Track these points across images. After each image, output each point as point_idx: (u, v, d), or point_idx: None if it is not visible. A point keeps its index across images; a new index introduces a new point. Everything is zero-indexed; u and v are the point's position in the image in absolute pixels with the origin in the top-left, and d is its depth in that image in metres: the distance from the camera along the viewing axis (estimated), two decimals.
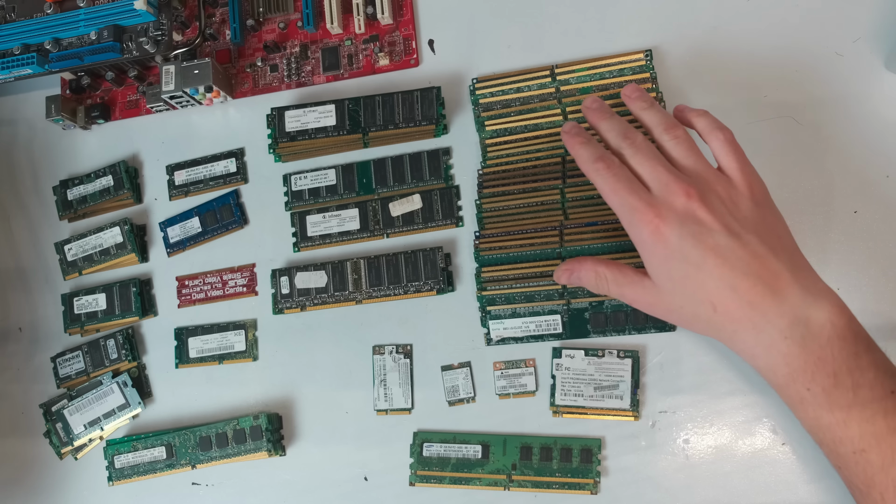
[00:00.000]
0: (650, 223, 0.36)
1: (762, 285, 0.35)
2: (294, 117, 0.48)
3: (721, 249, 0.35)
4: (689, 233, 0.35)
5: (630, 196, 0.37)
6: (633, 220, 0.37)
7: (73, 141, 0.54)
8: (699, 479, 0.42)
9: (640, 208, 0.36)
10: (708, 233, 0.35)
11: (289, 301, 0.48)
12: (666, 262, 0.36)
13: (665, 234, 0.36)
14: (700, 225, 0.36)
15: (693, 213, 0.36)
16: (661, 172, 0.37)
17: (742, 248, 0.35)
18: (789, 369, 0.35)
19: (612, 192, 0.38)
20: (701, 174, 0.37)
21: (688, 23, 0.46)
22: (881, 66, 0.44)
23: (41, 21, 0.50)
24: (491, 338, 0.45)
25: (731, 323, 0.36)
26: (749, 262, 0.35)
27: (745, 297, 0.35)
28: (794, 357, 0.34)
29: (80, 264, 0.51)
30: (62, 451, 0.50)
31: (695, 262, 0.35)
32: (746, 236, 0.36)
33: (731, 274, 0.35)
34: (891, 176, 0.43)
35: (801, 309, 0.34)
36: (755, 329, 0.35)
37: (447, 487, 0.44)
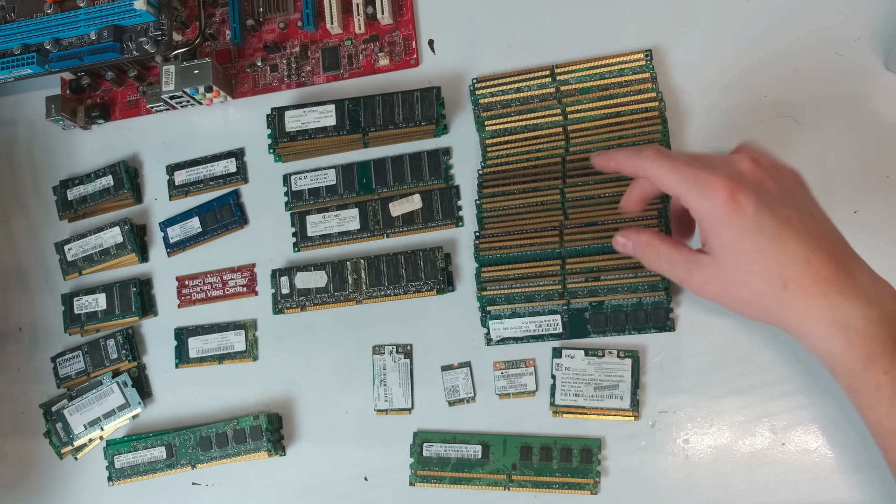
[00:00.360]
0: (725, 189, 0.33)
1: (836, 262, 0.33)
2: (294, 117, 0.48)
3: (794, 221, 0.33)
4: (765, 202, 0.33)
5: (693, 169, 0.34)
6: (703, 190, 0.34)
7: (73, 141, 0.54)
8: (699, 479, 0.42)
9: (707, 177, 0.33)
10: (781, 204, 0.33)
11: (289, 301, 0.48)
12: (740, 234, 0.33)
13: (741, 201, 0.33)
14: (772, 195, 0.34)
15: (764, 182, 0.34)
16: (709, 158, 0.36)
17: (813, 223, 0.34)
18: (866, 351, 0.32)
19: (672, 170, 0.35)
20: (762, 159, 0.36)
21: (688, 23, 0.46)
22: (881, 66, 0.44)
23: (41, 21, 0.50)
24: (491, 338, 0.45)
25: (805, 300, 0.33)
26: (821, 238, 0.33)
27: (821, 272, 0.33)
28: (872, 338, 0.32)
29: (80, 264, 0.51)
30: (62, 451, 0.50)
31: (769, 233, 0.33)
32: (815, 212, 0.35)
33: (806, 248, 0.33)
34: (891, 176, 0.43)
35: (873, 291, 0.33)
36: (831, 307, 0.33)
37: (447, 487, 0.44)
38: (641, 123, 0.45)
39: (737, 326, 0.43)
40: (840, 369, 0.34)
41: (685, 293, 0.44)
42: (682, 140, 0.45)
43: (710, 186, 0.33)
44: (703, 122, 0.45)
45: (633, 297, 0.43)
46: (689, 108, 0.45)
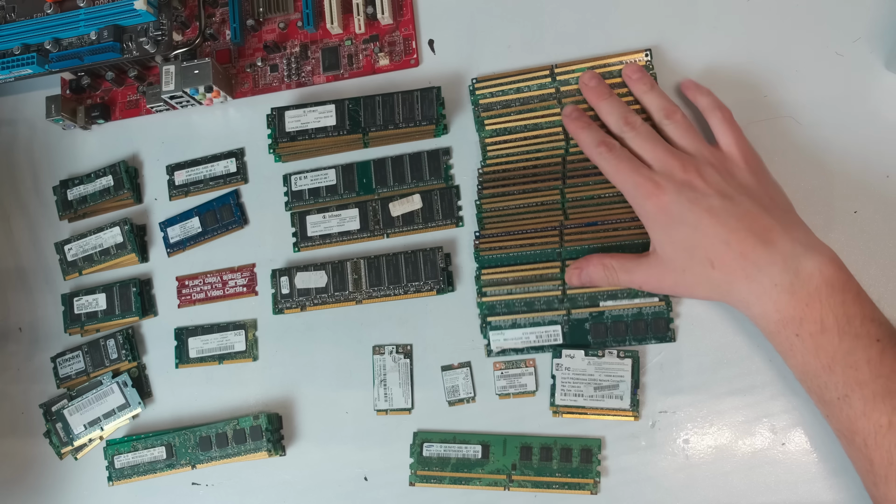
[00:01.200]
0: (652, 194, 0.39)
1: (753, 237, 0.37)
2: (294, 117, 0.48)
3: (715, 210, 0.38)
4: (686, 198, 0.39)
5: (633, 174, 0.40)
6: (637, 195, 0.40)
7: (73, 141, 0.54)
8: (699, 479, 0.42)
9: (641, 183, 0.40)
10: (703, 197, 0.38)
11: (289, 301, 0.48)
12: (667, 228, 0.39)
13: (665, 202, 0.39)
14: (696, 191, 0.39)
15: (690, 182, 0.39)
16: (660, 152, 0.41)
17: (734, 206, 0.38)
18: (780, 316, 0.36)
19: (616, 171, 0.41)
20: (698, 151, 0.41)
21: (688, 23, 0.46)
22: (881, 66, 0.44)
23: (41, 21, 0.50)
24: (491, 349, 0.45)
25: (728, 275, 0.38)
26: (740, 218, 0.38)
27: (738, 248, 0.37)
28: (783, 304, 0.36)
29: (80, 264, 0.51)
30: (62, 451, 0.50)
31: (692, 223, 0.38)
32: (739, 198, 0.38)
33: (725, 230, 0.37)
34: (891, 176, 0.43)
35: (791, 259, 0.36)
36: (748, 279, 0.37)
37: (447, 487, 0.44)
38: None
39: (737, 327, 0.43)
40: (764, 332, 0.38)
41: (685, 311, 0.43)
42: None
43: (641, 193, 0.40)
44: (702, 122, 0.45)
45: (633, 308, 0.43)
46: (688, 108, 0.45)
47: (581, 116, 0.44)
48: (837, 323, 0.35)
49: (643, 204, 0.40)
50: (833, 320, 0.35)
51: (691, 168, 0.39)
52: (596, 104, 0.44)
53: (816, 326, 0.35)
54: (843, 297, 0.35)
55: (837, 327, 0.35)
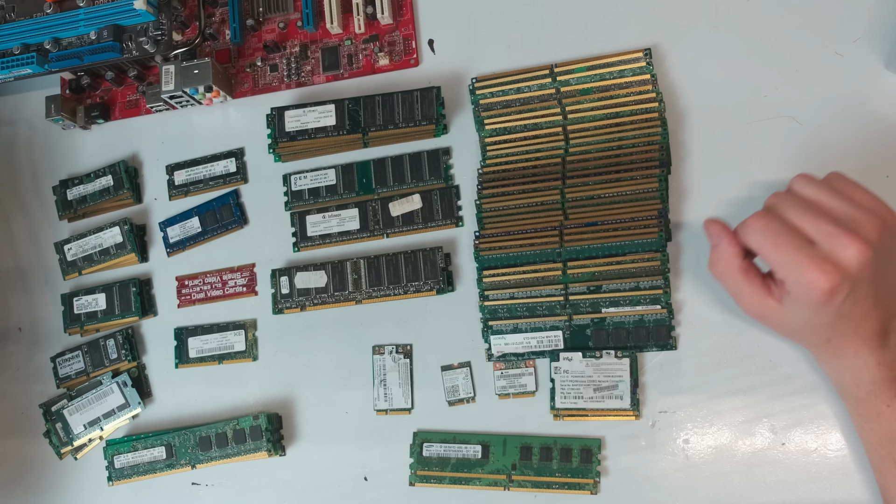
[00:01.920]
0: (827, 280, 0.34)
1: (880, 326, 0.37)
2: (294, 117, 0.48)
3: (868, 300, 0.35)
4: (855, 290, 0.35)
5: (797, 252, 0.35)
6: (803, 280, 0.35)
7: (72, 141, 0.54)
8: (699, 479, 0.42)
9: (810, 269, 0.34)
10: (865, 285, 0.35)
11: (289, 301, 0.48)
12: (818, 314, 0.36)
13: (838, 294, 0.34)
14: (861, 282, 0.35)
15: (863, 272, 0.34)
16: (824, 223, 0.35)
17: (878, 294, 0.36)
18: (875, 388, 0.37)
19: (774, 247, 0.36)
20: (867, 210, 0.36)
21: (688, 22, 0.46)
22: (881, 66, 0.44)
23: (41, 21, 0.50)
24: (492, 353, 0.45)
25: (838, 350, 0.38)
26: (879, 303, 0.36)
27: (862, 337, 0.37)
28: (882, 380, 0.37)
29: (80, 264, 0.51)
30: (62, 451, 0.50)
31: (844, 313, 0.36)
32: (883, 280, 0.36)
33: (860, 321, 0.36)
34: (891, 176, 0.43)
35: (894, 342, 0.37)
36: (856, 356, 0.37)
37: (447, 487, 0.44)
38: (641, 124, 0.45)
39: (737, 327, 0.43)
40: (847, 395, 0.39)
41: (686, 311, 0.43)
42: (682, 140, 0.45)
43: (809, 278, 0.34)
44: (703, 122, 0.45)
45: (635, 315, 0.43)
46: (689, 108, 0.45)
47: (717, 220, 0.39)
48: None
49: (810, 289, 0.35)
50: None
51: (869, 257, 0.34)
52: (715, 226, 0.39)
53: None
54: None
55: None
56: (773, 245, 0.36)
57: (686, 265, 0.44)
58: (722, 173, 0.44)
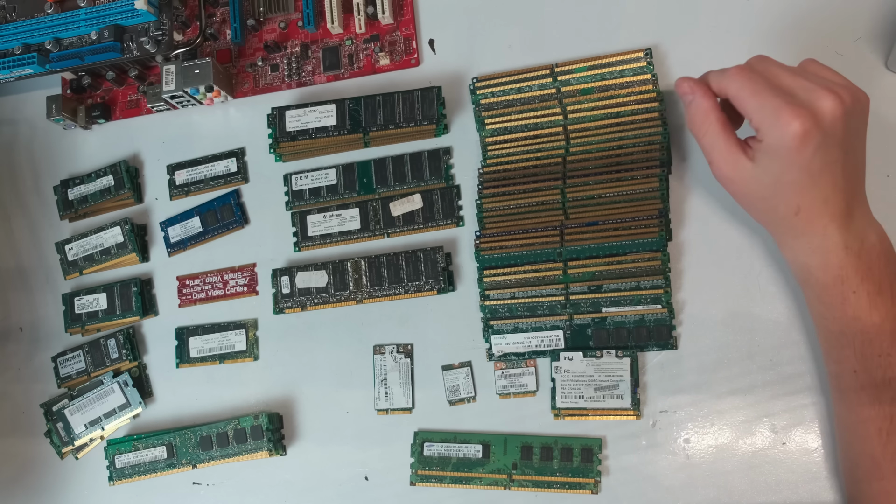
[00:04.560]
0: (801, 124, 0.35)
1: (846, 203, 0.37)
2: (295, 117, 0.48)
3: (834, 164, 0.36)
4: (827, 144, 0.35)
5: (775, 97, 0.36)
6: (778, 123, 0.35)
7: (73, 140, 0.54)
8: (700, 479, 0.42)
9: (785, 111, 0.35)
10: (835, 146, 0.36)
11: (289, 301, 0.48)
12: (790, 167, 0.36)
13: (808, 143, 0.35)
14: (833, 136, 0.36)
15: (836, 123, 0.35)
16: (805, 78, 0.37)
17: (846, 163, 0.37)
18: (841, 272, 0.37)
19: (752, 94, 0.36)
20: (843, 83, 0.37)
21: (688, 22, 0.46)
22: (881, 66, 0.44)
23: (42, 21, 0.50)
24: (493, 353, 0.45)
25: (807, 226, 0.38)
26: (846, 178, 0.37)
27: (832, 209, 0.37)
28: (848, 264, 0.37)
29: (81, 264, 0.51)
30: (63, 451, 0.50)
31: (813, 172, 0.36)
32: (853, 153, 0.37)
33: (832, 189, 0.37)
34: (891, 176, 0.43)
35: (861, 227, 0.38)
36: (824, 236, 0.37)
37: (448, 487, 0.44)
38: (642, 124, 0.45)
39: (738, 326, 0.43)
40: (812, 281, 0.39)
41: (686, 311, 0.43)
42: (682, 140, 0.45)
43: (785, 121, 0.35)
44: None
45: (635, 314, 0.43)
46: None
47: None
48: (892, 287, 0.37)
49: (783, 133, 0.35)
50: (888, 284, 0.37)
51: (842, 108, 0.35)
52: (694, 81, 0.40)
53: (875, 287, 0.37)
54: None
55: (891, 291, 0.37)
56: (751, 91, 0.37)
57: (687, 265, 0.44)
58: None
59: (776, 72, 0.38)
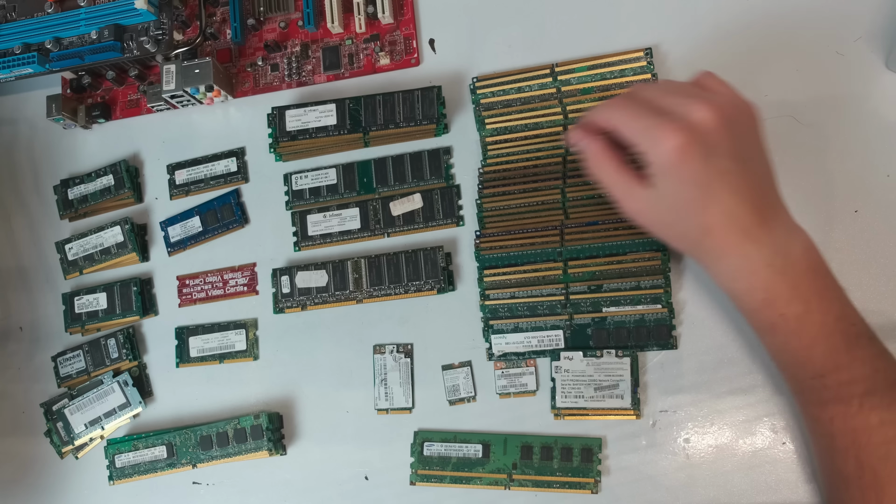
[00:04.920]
0: (675, 138, 0.35)
1: (758, 216, 0.35)
2: (295, 116, 0.48)
3: (731, 176, 0.35)
4: (709, 155, 0.35)
5: (650, 118, 0.36)
6: (656, 137, 0.35)
7: (73, 140, 0.54)
8: (700, 479, 0.42)
9: (661, 125, 0.35)
10: (723, 156, 0.35)
11: (289, 300, 0.48)
12: (679, 184, 0.36)
13: (689, 151, 0.35)
14: (718, 147, 0.35)
15: (714, 133, 0.35)
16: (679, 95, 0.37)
17: (745, 174, 0.36)
18: (767, 295, 0.36)
19: (631, 118, 0.37)
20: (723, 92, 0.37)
21: (688, 22, 0.46)
22: (881, 66, 0.44)
23: (42, 20, 0.50)
24: (493, 353, 0.45)
25: (721, 247, 0.36)
26: (752, 189, 0.36)
27: (741, 224, 0.35)
28: (773, 283, 0.36)
29: (81, 263, 0.51)
30: (63, 451, 0.50)
31: (705, 185, 0.35)
32: (749, 163, 0.36)
33: (734, 200, 0.35)
34: (891, 175, 0.43)
35: (783, 241, 0.36)
36: (742, 256, 0.36)
37: (448, 487, 0.44)
38: None
39: (738, 325, 0.43)
40: (742, 307, 0.38)
41: (687, 311, 0.43)
42: None
43: (661, 138, 0.35)
44: None
45: (635, 314, 0.43)
46: None
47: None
48: (821, 306, 0.35)
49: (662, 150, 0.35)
50: (817, 303, 0.35)
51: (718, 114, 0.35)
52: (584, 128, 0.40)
53: (802, 308, 0.35)
54: (826, 282, 0.36)
55: (821, 311, 0.35)
56: (629, 117, 0.37)
57: (687, 264, 0.44)
58: None
59: (653, 94, 0.37)
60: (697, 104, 0.35)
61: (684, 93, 0.37)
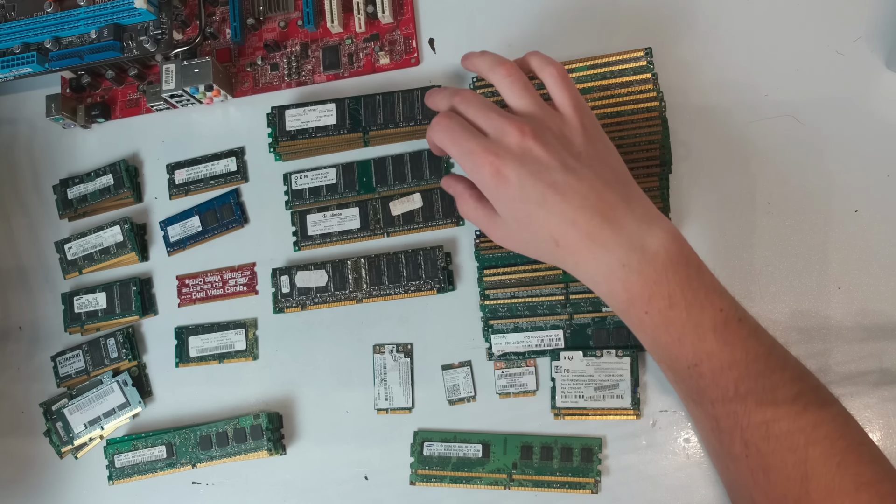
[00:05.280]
0: (490, 164, 0.37)
1: (599, 217, 0.36)
2: (294, 116, 0.48)
3: (559, 185, 0.36)
4: (528, 172, 0.36)
5: (467, 142, 0.37)
6: (475, 165, 0.37)
7: (73, 140, 0.54)
8: (699, 479, 0.42)
9: (477, 151, 0.37)
10: (545, 170, 0.36)
11: (289, 300, 0.48)
12: (510, 203, 0.37)
13: (505, 174, 0.36)
14: (537, 163, 0.36)
15: (529, 151, 0.37)
16: (494, 117, 0.38)
17: (578, 182, 0.36)
18: (628, 295, 0.36)
19: (451, 142, 0.38)
20: (534, 112, 0.38)
21: (688, 22, 0.46)
22: (881, 66, 0.44)
23: (41, 20, 0.50)
24: (493, 352, 0.45)
25: (573, 255, 0.37)
26: (586, 196, 0.36)
27: (584, 229, 0.36)
28: (632, 283, 0.36)
29: (81, 263, 0.51)
30: (62, 451, 0.50)
31: (536, 200, 0.36)
32: (582, 171, 0.37)
33: (570, 209, 0.36)
34: (891, 175, 0.43)
35: (636, 237, 0.36)
36: (595, 259, 0.36)
37: (448, 487, 0.44)
38: (642, 123, 0.45)
39: None
40: (613, 307, 0.38)
41: None
42: (682, 139, 0.45)
43: (478, 163, 0.37)
44: (703, 122, 0.45)
45: None
46: (689, 107, 0.45)
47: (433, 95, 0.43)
48: (685, 297, 0.35)
49: (482, 175, 0.37)
50: (680, 295, 0.35)
51: (528, 133, 0.37)
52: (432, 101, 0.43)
53: (665, 302, 0.35)
54: (688, 272, 0.36)
55: (685, 302, 0.35)
56: (450, 141, 0.38)
57: None
58: (722, 173, 0.44)
59: (472, 111, 0.39)
60: (510, 126, 0.37)
61: (499, 113, 0.38)
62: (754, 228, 0.43)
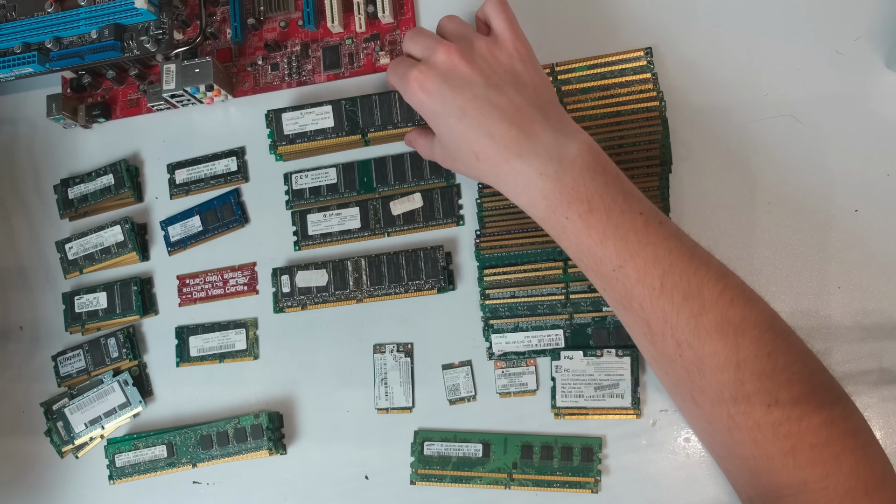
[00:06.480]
0: (415, 80, 0.39)
1: (516, 129, 0.38)
2: (291, 119, 0.48)
3: (479, 100, 0.38)
4: (449, 86, 0.39)
5: (401, 67, 0.41)
6: (407, 87, 0.40)
7: (73, 140, 0.54)
8: (700, 478, 0.42)
9: (408, 73, 0.40)
10: (468, 85, 0.39)
11: (290, 300, 0.48)
12: (435, 119, 0.40)
13: (428, 88, 0.39)
14: (460, 78, 0.39)
15: (455, 68, 0.39)
16: (425, 40, 0.41)
17: (499, 97, 0.38)
18: (548, 202, 0.37)
19: (392, 74, 0.42)
20: (463, 34, 0.41)
21: (688, 22, 0.46)
22: (881, 65, 0.44)
23: (42, 20, 0.50)
24: (493, 352, 0.45)
25: (493, 168, 0.39)
26: (505, 110, 0.38)
27: (501, 141, 0.38)
28: (550, 191, 0.37)
29: (81, 263, 0.51)
30: (63, 450, 0.50)
31: (456, 113, 0.39)
32: (504, 87, 0.39)
33: (489, 122, 0.38)
34: (891, 175, 0.43)
35: (553, 148, 0.37)
36: (513, 171, 0.38)
37: (448, 486, 0.44)
38: (642, 123, 0.45)
39: None
40: (535, 219, 0.39)
41: None
42: (682, 139, 0.45)
43: (408, 83, 0.40)
44: (703, 121, 0.45)
45: None
46: (689, 107, 0.45)
47: None
48: (603, 202, 0.36)
49: (412, 93, 0.40)
50: (599, 200, 0.36)
51: (455, 51, 0.39)
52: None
53: (584, 206, 0.36)
54: (605, 179, 0.37)
55: (604, 206, 0.36)
56: (392, 73, 0.42)
57: None
58: (722, 173, 0.44)
59: (408, 44, 0.42)
60: (439, 46, 0.40)
61: (430, 36, 0.41)
62: (754, 228, 0.43)
